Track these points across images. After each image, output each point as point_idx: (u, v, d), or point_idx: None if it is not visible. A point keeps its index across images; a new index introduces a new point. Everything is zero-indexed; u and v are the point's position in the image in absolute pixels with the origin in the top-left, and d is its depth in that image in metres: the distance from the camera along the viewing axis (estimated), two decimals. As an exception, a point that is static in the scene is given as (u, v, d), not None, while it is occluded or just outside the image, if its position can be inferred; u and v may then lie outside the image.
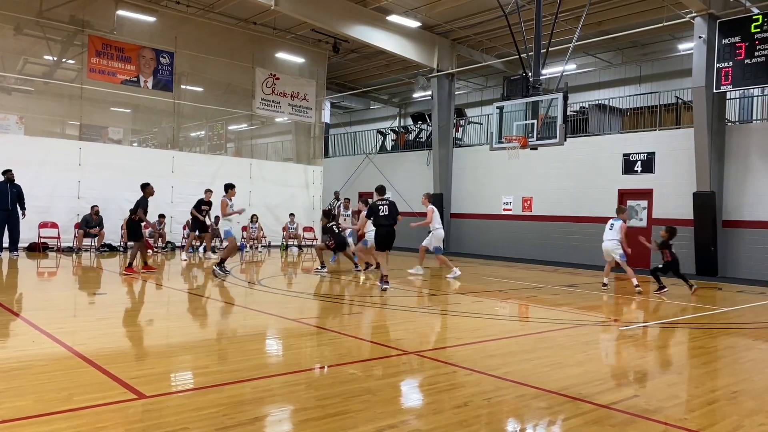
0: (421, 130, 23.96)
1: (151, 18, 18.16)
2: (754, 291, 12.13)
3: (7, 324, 6.49)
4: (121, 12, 17.55)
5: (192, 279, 11.92)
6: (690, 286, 11.01)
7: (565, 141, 12.36)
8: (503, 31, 18.22)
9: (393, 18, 18.12)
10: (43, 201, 15.97)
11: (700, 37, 14.36)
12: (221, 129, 23.25)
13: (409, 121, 26.44)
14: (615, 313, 9.07)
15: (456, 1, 17.29)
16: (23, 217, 14.41)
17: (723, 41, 13.90)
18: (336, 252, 13.82)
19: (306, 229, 21.36)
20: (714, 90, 14.11)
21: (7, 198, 13.98)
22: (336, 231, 13.22)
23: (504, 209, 19.95)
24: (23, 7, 16.13)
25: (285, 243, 20.30)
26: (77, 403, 3.83)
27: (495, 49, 21.30)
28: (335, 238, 13.14)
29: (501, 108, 13.44)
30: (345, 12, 18.01)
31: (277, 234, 20.57)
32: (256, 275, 12.86)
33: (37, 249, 15.54)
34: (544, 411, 4.10)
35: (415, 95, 26.72)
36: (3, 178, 14.02)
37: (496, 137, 13.34)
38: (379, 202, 10.34)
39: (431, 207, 12.76)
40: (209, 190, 16.07)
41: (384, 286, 9.99)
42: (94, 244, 16.40)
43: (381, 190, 10.69)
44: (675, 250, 11.33)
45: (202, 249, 16.50)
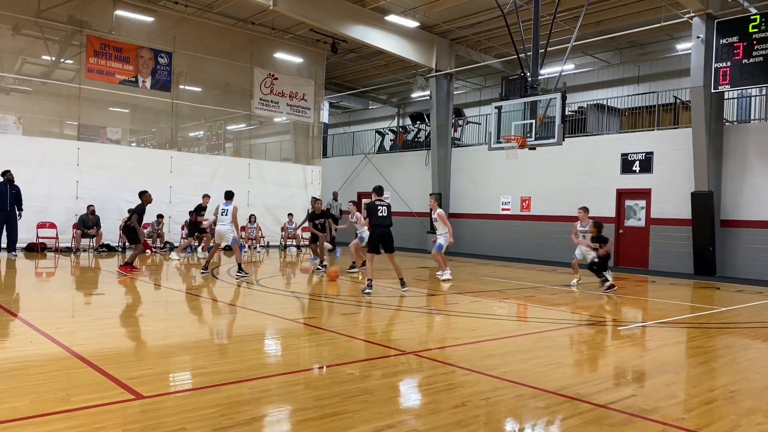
0: (420, 130, 23.97)
1: (150, 18, 18.15)
2: (752, 290, 12.14)
3: (5, 324, 6.48)
4: (120, 12, 17.53)
5: (190, 279, 11.91)
6: (603, 282, 10.74)
7: (564, 141, 12.37)
8: (502, 31, 18.22)
9: (391, 18, 18.13)
10: (41, 201, 15.96)
11: (698, 37, 14.37)
12: (219, 129, 23.23)
13: (408, 121, 26.44)
14: (613, 313, 9.07)
15: (454, 1, 17.29)
16: (20, 218, 14.39)
17: (721, 41, 13.92)
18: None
19: (305, 229, 21.32)
20: (712, 90, 14.13)
21: (6, 198, 13.96)
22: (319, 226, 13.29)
23: (502, 209, 19.96)
24: (21, 7, 16.11)
25: (283, 243, 20.29)
26: (75, 404, 3.82)
27: (493, 49, 21.31)
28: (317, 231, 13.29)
29: (499, 108, 13.45)
30: (343, 12, 18.01)
31: (276, 234, 20.56)
32: (254, 275, 12.85)
33: (36, 249, 15.52)
34: (542, 411, 4.10)
35: (414, 95, 26.72)
36: (3, 178, 14.01)
37: (494, 137, 13.35)
38: (378, 202, 10.24)
39: (441, 211, 11.99)
40: (207, 195, 15.96)
41: (367, 290, 9.66)
42: (92, 244, 16.39)
43: (379, 190, 10.53)
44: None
45: (200, 249, 16.46)
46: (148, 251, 16.80)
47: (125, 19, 17.77)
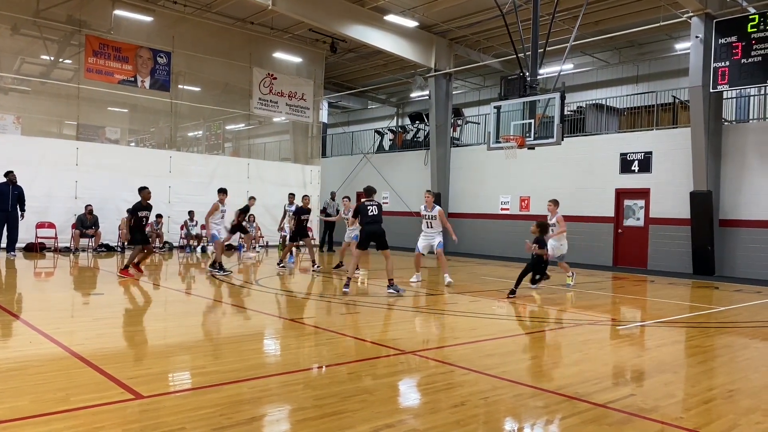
0: (419, 129, 23.97)
1: (148, 18, 18.14)
2: (750, 290, 12.16)
3: (5, 324, 6.48)
4: (118, 12, 17.52)
5: (189, 279, 11.91)
6: (534, 281, 10.17)
7: (563, 141, 12.36)
8: (501, 31, 18.23)
9: (390, 18, 18.13)
10: (40, 201, 15.94)
11: (696, 37, 14.39)
12: (219, 129, 23.23)
13: (407, 121, 26.44)
14: (612, 313, 9.08)
15: (453, 1, 17.29)
16: (22, 219, 14.39)
17: (720, 41, 13.93)
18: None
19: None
20: (711, 89, 14.14)
21: (8, 199, 13.96)
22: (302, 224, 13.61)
23: (501, 209, 19.97)
24: (20, 7, 16.10)
25: (283, 243, 20.26)
26: (74, 404, 3.83)
27: (492, 49, 21.32)
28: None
29: (498, 108, 13.45)
30: (342, 12, 18.01)
31: (275, 234, 20.54)
32: (253, 275, 12.85)
33: (35, 249, 15.52)
34: (541, 410, 4.10)
35: (413, 95, 26.72)
36: (5, 179, 14.01)
37: (493, 137, 13.35)
38: (368, 202, 10.18)
39: (440, 209, 11.78)
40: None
41: (345, 289, 9.62)
42: (91, 244, 16.38)
43: (369, 191, 10.39)
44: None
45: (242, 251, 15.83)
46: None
47: (124, 19, 17.76)
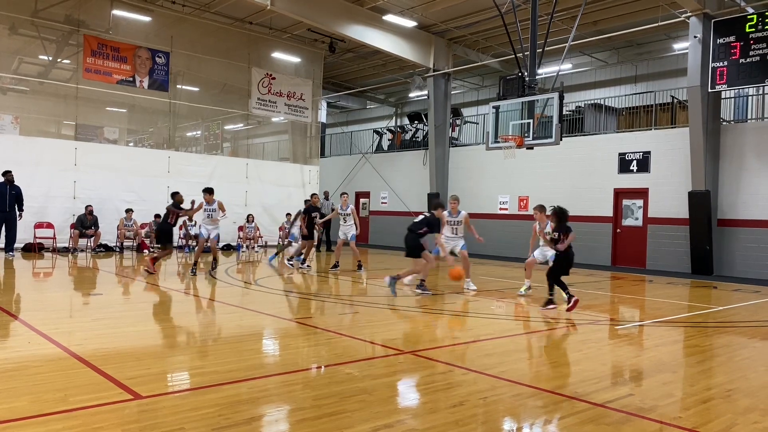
0: (418, 129, 23.98)
1: (147, 18, 18.13)
2: (748, 289, 12.18)
3: (4, 325, 6.47)
4: (117, 12, 17.51)
5: (189, 280, 11.90)
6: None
7: (561, 140, 12.37)
8: (499, 31, 18.24)
9: (389, 17, 18.13)
10: (39, 201, 15.93)
11: (695, 37, 14.41)
12: (217, 129, 23.22)
13: (406, 121, 26.44)
14: (610, 312, 9.09)
15: (452, 1, 17.29)
16: (20, 219, 14.37)
17: (718, 41, 13.95)
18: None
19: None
20: (709, 89, 14.16)
21: (5, 199, 13.94)
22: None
23: (500, 208, 19.98)
24: (18, 7, 16.08)
25: (281, 243, 20.27)
26: (73, 404, 3.82)
27: (491, 49, 21.33)
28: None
29: (497, 108, 13.45)
30: (341, 11, 18.01)
31: (274, 234, 20.56)
32: (252, 275, 12.85)
33: (33, 249, 15.50)
34: (539, 410, 4.11)
35: (412, 95, 26.73)
36: (3, 179, 13.99)
37: (492, 137, 13.36)
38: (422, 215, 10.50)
39: (465, 214, 11.55)
40: (315, 194, 15.02)
41: (419, 290, 10.07)
42: (90, 244, 16.37)
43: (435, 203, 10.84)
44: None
45: (294, 257, 14.40)
46: (145, 251, 16.79)
47: (122, 19, 17.76)
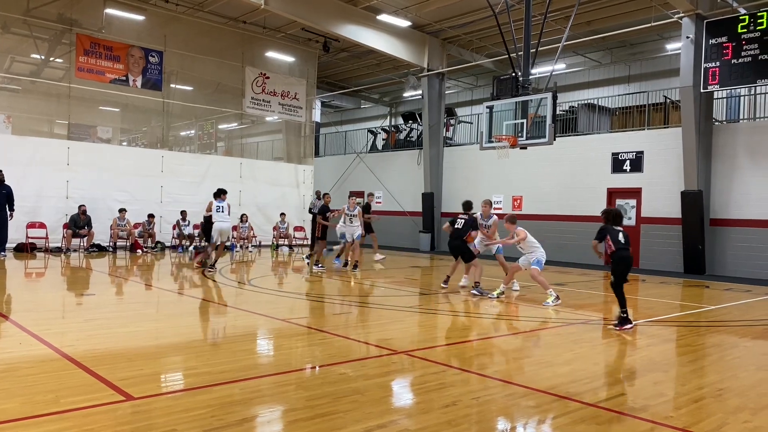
0: (412, 129, 23.98)
1: (140, 17, 18.06)
2: (740, 289, 12.25)
3: (-6, 325, 6.43)
4: (110, 10, 17.43)
5: (182, 280, 11.87)
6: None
7: (555, 140, 12.42)
8: (493, 31, 18.27)
9: (383, 17, 18.13)
10: (31, 201, 15.84)
11: (687, 37, 14.47)
12: (211, 128, 23.16)
13: (400, 121, 26.46)
14: (603, 312, 9.12)
15: (446, 1, 17.31)
16: (11, 219, 14.29)
17: (710, 41, 14.02)
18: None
19: (297, 229, 21.33)
20: (701, 90, 14.23)
21: (-5, 198, 13.87)
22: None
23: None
24: (10, 5, 15.98)
25: (275, 243, 20.26)
26: (65, 406, 3.81)
27: (485, 49, 21.36)
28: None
29: (491, 107, 13.48)
30: (335, 11, 17.99)
31: (268, 234, 20.52)
32: (246, 275, 12.83)
33: (25, 249, 15.41)
34: (532, 410, 4.12)
35: (406, 94, 26.74)
36: None
37: (486, 136, 13.38)
38: (460, 216, 10.54)
39: (496, 218, 11.34)
40: (327, 193, 15.00)
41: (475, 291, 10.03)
42: (83, 244, 16.30)
43: (467, 205, 10.78)
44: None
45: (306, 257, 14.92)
46: (139, 251, 16.74)
47: (115, 18, 17.67)
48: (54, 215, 16.34)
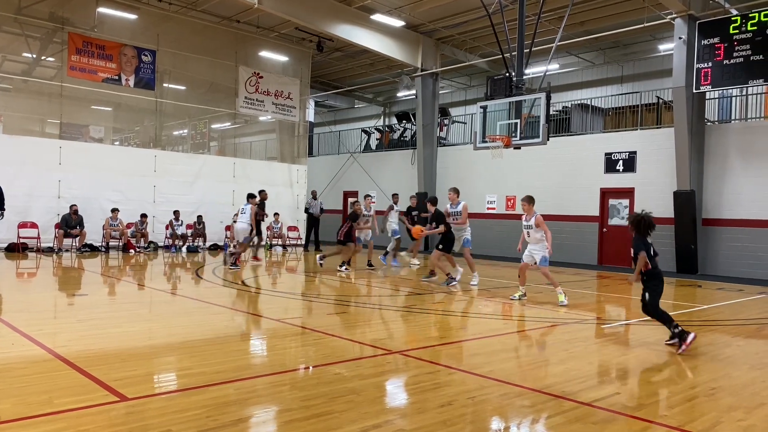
0: (406, 129, 24.00)
1: (133, 15, 17.96)
2: (732, 288, 12.32)
3: (-14, 326, 6.38)
4: (102, 9, 17.33)
5: (175, 280, 11.83)
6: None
7: (548, 140, 12.46)
8: (487, 31, 18.29)
9: (377, 17, 18.12)
10: (23, 201, 15.73)
11: (680, 38, 14.55)
12: (204, 127, 23.08)
13: (394, 120, 26.46)
14: (597, 311, 9.16)
15: (440, 1, 17.32)
16: (1, 218, 14.19)
17: (702, 42, 14.09)
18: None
19: (290, 229, 21.29)
20: (694, 90, 14.31)
21: (-14, 198, 13.75)
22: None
23: (488, 208, 20.05)
24: (1, 4, 15.84)
25: (269, 243, 20.21)
26: (58, 406, 3.79)
27: (479, 49, 21.39)
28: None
29: (485, 107, 13.50)
30: (329, 10, 17.97)
31: (262, 234, 20.44)
32: (239, 275, 12.78)
33: (17, 249, 15.30)
34: (527, 409, 4.13)
35: (400, 94, 26.75)
36: None
37: (479, 136, 13.41)
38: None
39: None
40: (357, 201, 14.16)
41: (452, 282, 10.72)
42: (75, 244, 16.21)
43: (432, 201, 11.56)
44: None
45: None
46: (131, 251, 16.67)
47: (108, 17, 17.58)
48: (46, 215, 16.24)
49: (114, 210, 16.80)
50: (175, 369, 5.04)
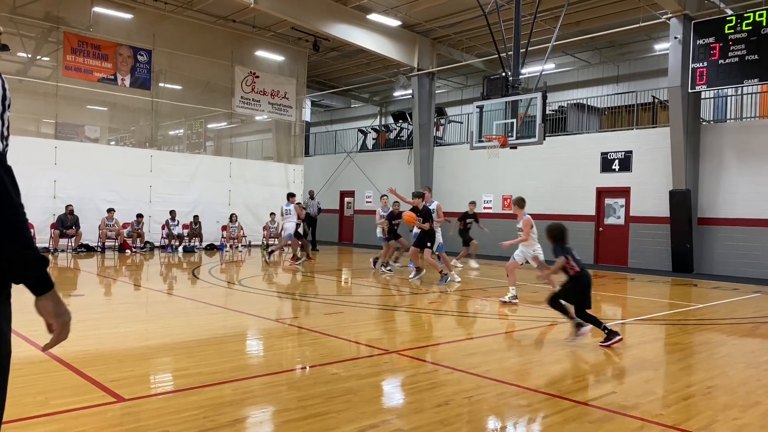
0: (402, 128, 24.00)
1: (128, 15, 17.92)
2: (728, 287, 12.37)
3: (-19, 327, 6.35)
4: (98, 9, 17.28)
5: (171, 280, 11.80)
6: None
7: (544, 140, 12.48)
8: (483, 31, 18.31)
9: (373, 16, 18.12)
10: (18, 201, 15.64)
11: (675, 38, 14.59)
12: (200, 127, 23.03)
13: (390, 120, 26.45)
14: (593, 310, 9.16)
15: (436, 0, 17.33)
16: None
17: (698, 42, 14.14)
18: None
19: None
20: (689, 90, 14.35)
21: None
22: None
23: (484, 207, 20.06)
24: (-4, 3, 15.81)
25: (265, 243, 20.18)
26: (54, 407, 3.77)
27: (475, 49, 21.41)
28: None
29: (481, 107, 13.52)
30: (325, 10, 17.96)
31: (258, 233, 20.45)
32: (236, 275, 12.78)
33: (12, 250, 15.22)
34: (524, 409, 4.14)
35: (396, 94, 26.73)
36: None
37: (476, 136, 13.42)
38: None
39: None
40: (397, 202, 13.37)
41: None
42: (70, 244, 16.16)
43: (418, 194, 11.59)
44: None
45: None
46: (127, 251, 16.63)
47: (103, 16, 17.52)
48: (41, 215, 16.17)
49: (110, 210, 16.76)
50: (172, 369, 5.03)
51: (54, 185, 16.48)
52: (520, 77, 12.82)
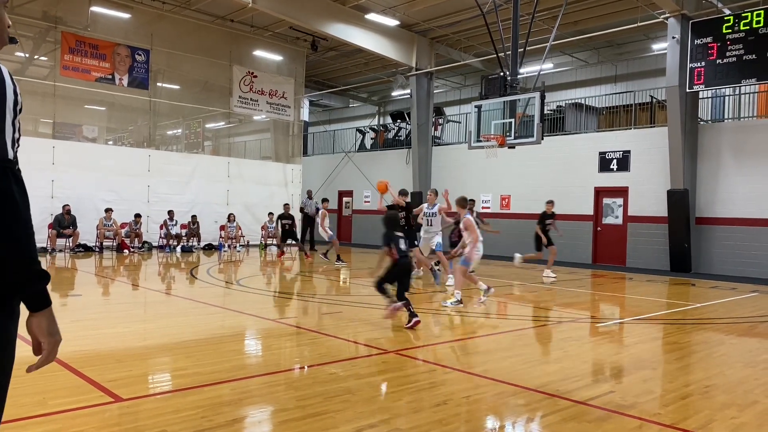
0: (401, 128, 23.99)
1: (126, 14, 17.89)
2: (726, 286, 12.39)
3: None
4: (96, 8, 17.25)
5: (169, 280, 11.79)
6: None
7: (543, 140, 12.48)
8: (481, 30, 18.31)
9: (371, 16, 18.11)
10: (15, 201, 15.61)
11: (673, 38, 14.60)
12: (198, 127, 23.00)
13: (389, 120, 26.45)
14: (591, 310, 9.19)
15: (434, 0, 17.34)
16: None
17: (696, 41, 14.15)
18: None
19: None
20: (687, 89, 14.36)
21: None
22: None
23: (483, 207, 20.06)
24: (-7, 3, 15.75)
25: (264, 242, 20.18)
26: (52, 408, 3.77)
27: (473, 48, 21.41)
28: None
29: (479, 107, 13.53)
30: (323, 10, 17.95)
31: (256, 233, 20.44)
32: (234, 275, 12.77)
33: (10, 250, 15.20)
34: (522, 408, 4.14)
35: (394, 93, 26.73)
36: None
37: (474, 136, 13.43)
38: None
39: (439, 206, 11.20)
40: (551, 201, 13.25)
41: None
42: (68, 244, 16.13)
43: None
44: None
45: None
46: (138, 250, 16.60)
47: (101, 16, 17.49)
48: (39, 215, 16.11)
49: (108, 210, 16.73)
50: (170, 369, 5.03)
51: (52, 185, 16.45)
52: (518, 77, 12.84)
